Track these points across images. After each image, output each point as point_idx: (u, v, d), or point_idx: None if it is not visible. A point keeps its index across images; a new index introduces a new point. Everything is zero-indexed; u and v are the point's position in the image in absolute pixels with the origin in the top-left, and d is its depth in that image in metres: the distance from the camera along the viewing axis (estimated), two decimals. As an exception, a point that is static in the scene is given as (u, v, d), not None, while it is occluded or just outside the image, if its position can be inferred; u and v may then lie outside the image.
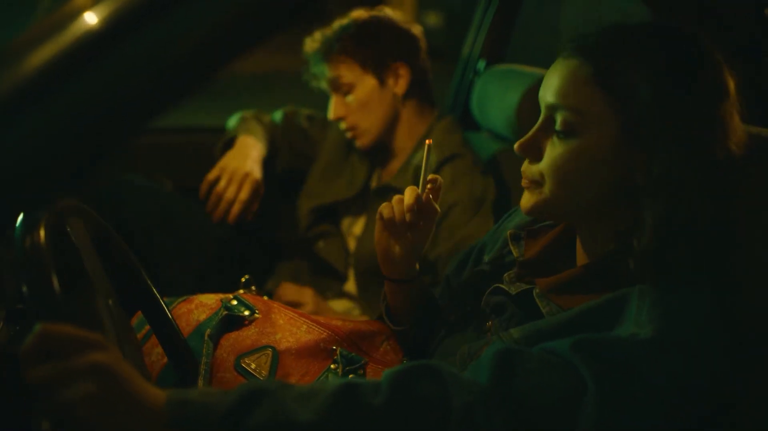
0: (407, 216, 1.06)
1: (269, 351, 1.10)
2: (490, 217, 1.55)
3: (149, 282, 1.06)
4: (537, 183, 0.94)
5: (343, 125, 1.72)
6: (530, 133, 0.95)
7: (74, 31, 0.63)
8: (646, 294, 0.85)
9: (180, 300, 1.21)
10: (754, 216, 0.96)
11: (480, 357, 0.88)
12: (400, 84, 1.70)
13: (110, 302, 0.90)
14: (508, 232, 1.09)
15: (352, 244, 1.74)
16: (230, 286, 1.46)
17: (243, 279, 1.32)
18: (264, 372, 1.08)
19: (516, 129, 1.86)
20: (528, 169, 0.95)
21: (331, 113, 1.73)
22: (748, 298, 0.92)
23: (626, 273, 0.88)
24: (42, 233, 0.77)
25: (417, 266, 1.15)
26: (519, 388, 0.80)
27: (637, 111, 0.87)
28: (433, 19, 9.30)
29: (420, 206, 1.07)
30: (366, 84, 1.67)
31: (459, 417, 0.77)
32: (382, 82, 1.69)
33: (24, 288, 0.77)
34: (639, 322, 0.83)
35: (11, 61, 0.63)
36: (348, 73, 1.67)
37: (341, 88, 1.69)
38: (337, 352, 1.10)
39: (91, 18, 0.63)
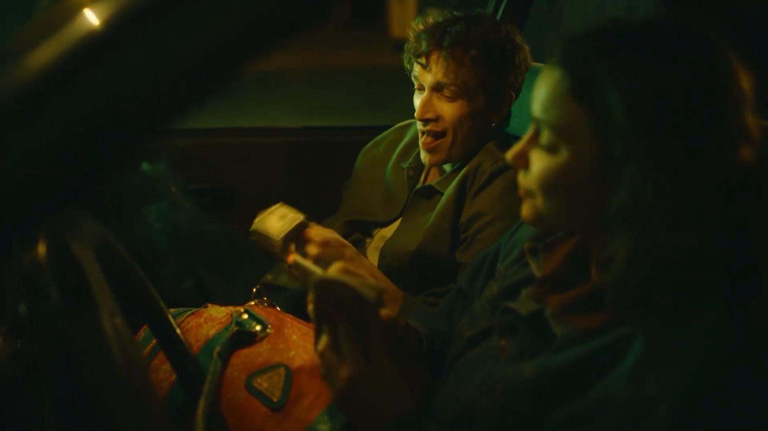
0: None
1: (282, 370, 1.04)
2: None
3: (157, 296, 1.00)
4: (530, 193, 0.90)
5: (426, 127, 1.53)
6: (520, 143, 0.90)
7: (74, 30, 0.57)
8: (655, 337, 0.80)
9: (188, 313, 1.15)
10: None
11: None
12: (503, 113, 1.58)
13: (117, 321, 0.84)
14: (526, 245, 1.03)
15: (374, 249, 1.67)
16: (239, 295, 1.40)
17: (254, 290, 1.26)
18: (277, 393, 1.02)
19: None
20: (522, 179, 0.91)
21: (421, 111, 1.51)
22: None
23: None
24: (41, 249, 0.71)
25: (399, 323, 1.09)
26: None
27: (609, 126, 0.79)
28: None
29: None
30: (476, 100, 1.52)
31: None
32: (488, 104, 1.54)
33: (23, 308, 0.71)
34: (650, 376, 0.78)
35: (8, 62, 0.57)
36: (465, 80, 1.48)
37: (444, 91, 1.50)
38: None
39: (92, 17, 0.56)
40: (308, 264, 0.96)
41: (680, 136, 0.77)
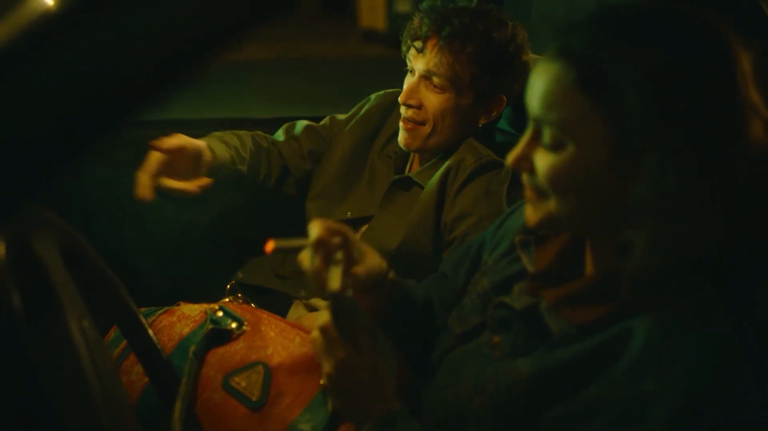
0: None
1: (260, 368, 1.01)
2: None
3: (127, 296, 0.96)
4: (542, 194, 0.86)
5: (408, 113, 1.50)
6: (520, 146, 0.86)
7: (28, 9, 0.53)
8: (656, 334, 0.77)
9: (161, 311, 1.10)
10: None
11: None
12: (492, 115, 1.53)
13: (84, 323, 0.80)
14: (517, 239, 1.00)
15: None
16: (213, 292, 1.36)
17: (228, 286, 1.22)
18: (256, 392, 0.99)
19: (512, 120, 1.78)
20: (530, 179, 0.87)
21: (406, 95, 1.49)
22: None
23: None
24: (0, 251, 0.66)
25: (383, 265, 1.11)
26: None
27: (625, 117, 0.76)
28: (403, 6, 9.23)
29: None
30: (464, 97, 1.48)
31: None
32: (477, 103, 1.50)
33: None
34: (649, 372, 0.76)
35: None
36: (457, 74, 1.45)
37: (433, 80, 1.46)
38: None
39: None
40: (290, 242, 1.00)
41: (696, 121, 0.75)
